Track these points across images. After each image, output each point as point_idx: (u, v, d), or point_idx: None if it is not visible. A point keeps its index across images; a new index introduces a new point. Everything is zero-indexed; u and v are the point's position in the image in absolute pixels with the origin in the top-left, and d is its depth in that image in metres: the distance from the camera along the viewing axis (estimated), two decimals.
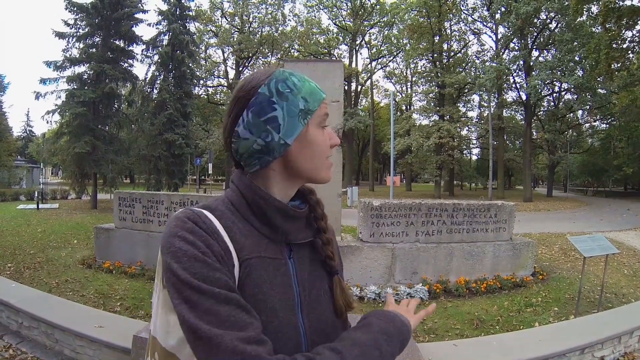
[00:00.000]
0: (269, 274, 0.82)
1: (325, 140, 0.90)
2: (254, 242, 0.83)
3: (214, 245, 0.75)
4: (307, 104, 0.86)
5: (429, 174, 39.89)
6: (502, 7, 28.72)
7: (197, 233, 0.75)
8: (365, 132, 49.54)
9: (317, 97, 0.89)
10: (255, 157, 0.86)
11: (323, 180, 0.92)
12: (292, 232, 0.88)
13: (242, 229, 0.83)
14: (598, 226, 14.72)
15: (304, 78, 0.89)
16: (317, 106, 0.88)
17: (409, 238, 6.57)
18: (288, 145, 0.85)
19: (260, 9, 34.94)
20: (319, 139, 0.89)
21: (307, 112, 0.86)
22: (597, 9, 21.32)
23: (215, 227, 0.79)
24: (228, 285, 0.73)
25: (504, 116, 35.70)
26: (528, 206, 24.63)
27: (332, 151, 0.92)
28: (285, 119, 0.84)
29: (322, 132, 0.90)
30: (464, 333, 4.72)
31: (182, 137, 22.07)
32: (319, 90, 0.90)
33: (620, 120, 31.84)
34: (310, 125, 0.87)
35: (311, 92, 0.88)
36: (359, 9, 38.70)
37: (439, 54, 34.06)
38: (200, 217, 0.79)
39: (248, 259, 0.80)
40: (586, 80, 26.32)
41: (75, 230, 11.70)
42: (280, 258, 0.85)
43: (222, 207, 0.86)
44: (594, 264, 7.86)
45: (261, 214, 0.85)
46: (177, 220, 0.78)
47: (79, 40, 18.91)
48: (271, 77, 0.86)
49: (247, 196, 0.86)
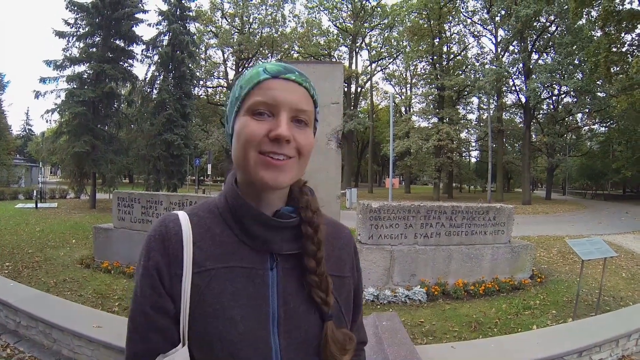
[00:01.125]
0: (237, 284, 0.77)
1: (255, 130, 0.75)
2: (229, 250, 0.79)
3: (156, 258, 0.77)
4: (240, 90, 0.78)
5: (428, 176, 39.88)
6: (502, 10, 28.79)
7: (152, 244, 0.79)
8: (364, 133, 49.57)
9: (252, 81, 0.77)
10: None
11: (257, 181, 0.76)
12: (275, 242, 0.80)
13: (218, 235, 0.80)
14: (596, 229, 14.73)
15: (260, 64, 0.80)
16: (248, 90, 0.76)
17: (407, 240, 6.58)
18: (230, 137, 0.82)
19: (260, 9, 34.99)
20: (247, 128, 0.75)
21: (237, 99, 0.78)
22: (597, 13, 21.40)
23: (179, 235, 0.78)
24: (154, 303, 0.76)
25: (504, 119, 35.74)
26: (527, 209, 24.65)
27: (272, 146, 0.75)
28: (228, 110, 0.82)
29: (254, 121, 0.75)
30: (462, 335, 4.72)
31: (182, 138, 22.04)
32: (260, 73, 0.77)
33: (619, 124, 31.91)
34: (240, 114, 0.78)
35: (250, 77, 0.77)
36: (360, 10, 38.75)
37: (439, 56, 34.12)
38: (167, 227, 0.80)
39: (210, 270, 0.77)
40: (585, 84, 26.43)
41: (73, 229, 11.69)
42: (258, 268, 0.79)
43: (205, 212, 0.84)
44: (592, 267, 7.87)
45: (240, 221, 0.80)
46: (151, 228, 0.82)
47: (79, 39, 18.91)
48: (240, 74, 0.82)
49: (230, 200, 0.82)
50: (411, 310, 5.60)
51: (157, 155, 21.63)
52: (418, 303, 5.91)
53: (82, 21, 18.91)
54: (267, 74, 0.77)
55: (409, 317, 5.21)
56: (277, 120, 0.75)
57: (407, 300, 5.95)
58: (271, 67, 0.78)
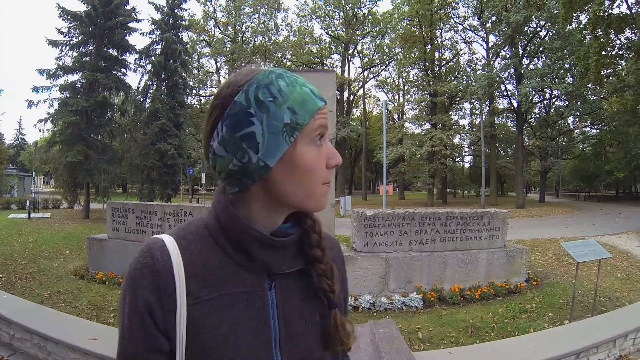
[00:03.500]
0: (236, 311, 0.73)
1: (320, 161, 0.74)
2: (225, 274, 0.74)
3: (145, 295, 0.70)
4: (295, 116, 0.70)
5: (422, 182, 40.00)
6: (492, 17, 29.06)
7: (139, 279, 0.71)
8: (357, 141, 49.69)
9: (310, 107, 0.72)
10: (234, 178, 0.73)
11: (314, 209, 0.78)
12: (275, 262, 0.77)
13: (212, 260, 0.74)
14: (591, 231, 14.80)
15: (296, 81, 0.73)
16: (309, 119, 0.71)
17: (402, 247, 6.58)
18: (269, 167, 0.71)
19: (253, 18, 35.14)
20: (309, 160, 0.73)
21: (294, 128, 0.70)
22: (586, 18, 21.66)
23: (169, 265, 0.71)
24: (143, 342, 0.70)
25: (496, 123, 35.98)
26: (521, 212, 24.74)
27: (329, 174, 0.77)
28: (265, 136, 0.69)
29: (317, 150, 0.74)
30: (459, 341, 4.72)
31: (175, 147, 22.00)
32: (313, 98, 0.73)
33: (610, 126, 32.22)
34: (299, 144, 0.71)
35: (302, 100, 0.71)
36: (352, 18, 38.99)
37: (431, 62, 34.32)
38: (154, 257, 0.72)
39: (207, 300, 0.72)
40: (576, 87, 26.69)
41: (67, 240, 11.60)
42: (258, 290, 0.76)
43: (193, 234, 0.77)
44: (587, 268, 7.89)
45: (237, 243, 0.75)
46: (134, 258, 0.74)
47: (72, 48, 18.92)
48: (252, 82, 0.71)
49: (223, 221, 0.75)
50: (408, 317, 5.59)
51: (150, 164, 21.55)
52: (414, 309, 5.90)
53: (75, 30, 18.93)
54: (319, 99, 0.74)
55: (406, 324, 5.20)
56: (326, 146, 0.76)
57: (404, 307, 5.94)
58: (314, 89, 0.75)
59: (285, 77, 0.72)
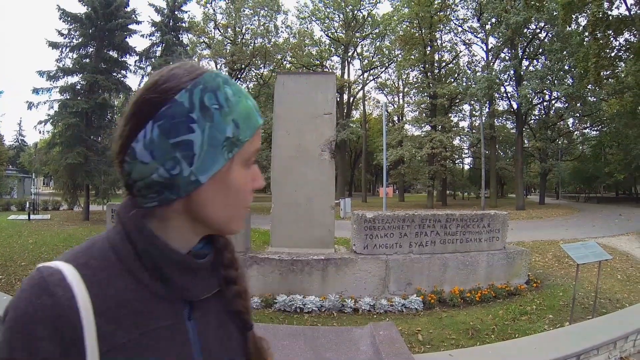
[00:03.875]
0: (157, 350, 0.62)
1: (248, 184, 0.69)
2: (141, 308, 0.62)
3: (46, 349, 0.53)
4: (237, 131, 0.63)
5: (422, 184, 40.01)
6: (492, 18, 29.08)
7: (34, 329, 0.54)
8: (357, 143, 49.68)
9: (253, 124, 0.66)
10: (154, 190, 0.62)
11: (232, 232, 0.72)
12: (193, 287, 0.68)
13: (124, 291, 0.61)
14: (591, 232, 14.80)
15: (241, 91, 0.66)
16: (250, 136, 0.66)
17: (402, 249, 6.57)
18: (199, 183, 0.62)
19: (253, 20, 35.14)
20: (240, 181, 0.67)
21: (234, 143, 0.63)
22: (586, 19, 21.69)
23: (73, 305, 0.56)
24: None
25: (496, 125, 35.98)
26: (521, 214, 24.74)
27: (252, 197, 0.72)
28: (203, 148, 0.60)
29: (248, 171, 0.69)
30: (460, 343, 4.71)
31: None
32: (255, 114, 0.67)
33: (610, 127, 32.25)
34: (235, 162, 0.65)
35: (247, 114, 0.65)
36: (351, 20, 39.04)
37: (431, 64, 34.34)
38: (53, 296, 0.56)
39: (124, 344, 0.58)
40: (576, 89, 26.72)
41: (67, 242, 11.58)
42: (177, 323, 0.66)
43: (97, 260, 0.62)
44: (587, 270, 7.89)
45: (154, 268, 0.64)
46: (23, 298, 0.57)
47: (72, 50, 18.94)
48: (197, 81, 0.62)
49: (136, 242, 0.63)
50: (408, 319, 5.58)
51: None
52: (414, 312, 5.90)
53: (75, 32, 18.94)
54: (259, 114, 0.69)
55: (406, 326, 5.19)
56: (253, 168, 0.71)
57: (404, 309, 5.93)
58: (255, 104, 0.68)
59: (231, 85, 0.65)
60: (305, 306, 5.80)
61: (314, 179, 7.54)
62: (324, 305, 5.82)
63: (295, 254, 6.58)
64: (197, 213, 0.65)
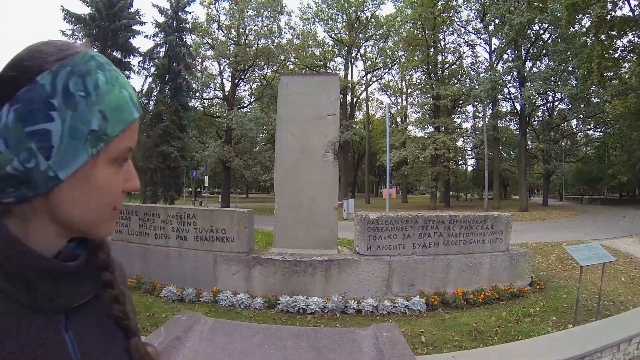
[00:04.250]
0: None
1: (117, 185, 0.61)
2: (7, 323, 0.53)
3: None
4: (105, 124, 0.56)
5: (425, 186, 39.95)
6: (495, 19, 29.06)
7: None
8: (360, 144, 49.66)
9: (124, 117, 0.58)
10: (10, 184, 0.54)
11: (99, 236, 0.65)
12: (64, 294, 0.60)
13: None
14: (594, 234, 14.74)
15: (117, 79, 0.59)
16: (119, 130, 0.58)
17: (405, 251, 6.57)
18: (59, 180, 0.54)
19: (256, 21, 35.13)
20: (106, 181, 0.59)
21: (100, 138, 0.56)
22: (589, 20, 21.66)
23: None
24: None
25: (499, 126, 35.91)
26: (524, 216, 24.66)
27: (123, 197, 0.63)
28: (64, 140, 0.53)
29: (118, 170, 0.61)
30: (463, 345, 4.70)
31: (178, 150, 22.08)
32: (130, 106, 0.59)
33: (614, 128, 32.15)
34: (100, 158, 0.57)
35: (118, 106, 0.57)
36: (355, 21, 39.03)
37: (434, 65, 34.33)
38: None
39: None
40: (579, 90, 26.64)
41: None
42: (52, 335, 0.57)
43: None
44: (591, 272, 7.86)
45: (15, 275, 0.55)
46: None
47: None
48: (65, 63, 0.54)
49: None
50: (411, 321, 5.57)
51: (153, 167, 21.64)
52: (417, 313, 5.89)
53: (79, 32, 19.10)
54: (136, 109, 0.61)
55: (409, 328, 5.18)
56: (127, 166, 0.63)
57: (407, 310, 5.93)
58: (134, 95, 0.61)
59: (106, 71, 0.57)
60: (308, 307, 5.80)
61: (317, 180, 7.54)
62: (327, 307, 5.82)
63: (298, 255, 6.58)
64: (58, 214, 0.57)
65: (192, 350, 3.42)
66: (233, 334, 3.82)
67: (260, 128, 29.31)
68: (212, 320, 4.17)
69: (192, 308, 5.76)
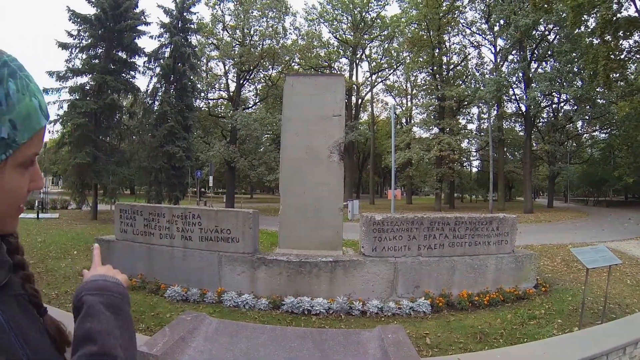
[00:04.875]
0: None
1: (22, 186, 0.65)
2: None
3: None
4: (14, 132, 0.58)
5: (430, 187, 39.90)
6: (500, 20, 28.97)
7: None
8: (365, 145, 49.67)
9: (32, 125, 0.61)
10: None
11: (7, 231, 0.69)
12: None
13: None
14: (600, 236, 14.68)
15: (28, 87, 0.61)
16: (27, 138, 0.60)
17: (411, 252, 6.55)
18: None
19: (261, 22, 35.17)
20: (14, 184, 0.62)
21: (9, 145, 0.58)
22: (595, 21, 21.54)
23: None
24: None
25: (504, 128, 35.82)
26: (529, 217, 24.58)
27: (28, 196, 0.68)
28: None
29: (24, 173, 0.64)
30: (468, 347, 4.69)
31: (183, 150, 22.09)
32: (39, 114, 0.62)
33: (620, 130, 32.00)
34: (9, 164, 0.60)
35: (28, 114, 0.59)
36: (360, 22, 39.05)
37: (439, 66, 34.28)
38: None
39: None
40: (585, 91, 26.53)
41: (75, 240, 11.67)
42: None
43: None
44: (596, 274, 7.83)
45: None
46: None
47: (81, 51, 19.11)
48: None
49: None
50: (416, 322, 5.56)
51: (158, 167, 21.67)
52: (422, 315, 5.88)
53: (85, 33, 19.11)
54: (45, 116, 0.63)
55: (414, 329, 5.17)
56: (33, 167, 0.66)
57: (412, 312, 5.91)
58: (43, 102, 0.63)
59: (18, 78, 0.59)
60: (313, 308, 5.79)
61: (322, 180, 7.54)
62: (332, 308, 5.82)
63: (303, 255, 6.58)
64: None
65: (197, 350, 3.42)
66: (238, 334, 3.82)
67: (265, 128, 29.33)
68: (216, 321, 4.17)
69: (196, 308, 5.77)
